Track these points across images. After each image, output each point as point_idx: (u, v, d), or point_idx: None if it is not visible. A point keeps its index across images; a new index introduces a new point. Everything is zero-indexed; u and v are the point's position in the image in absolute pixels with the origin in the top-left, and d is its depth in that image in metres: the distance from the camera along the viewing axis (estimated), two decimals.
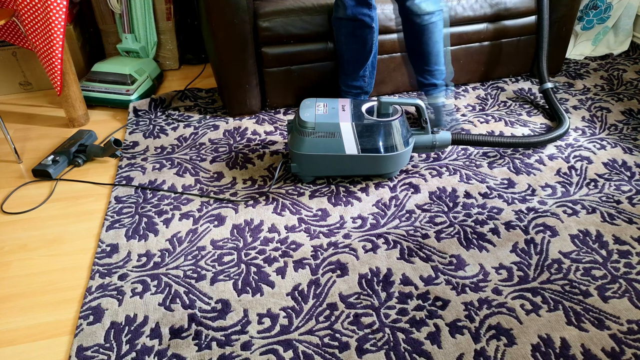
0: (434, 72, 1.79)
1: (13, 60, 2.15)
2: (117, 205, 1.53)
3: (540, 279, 1.24)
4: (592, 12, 2.30)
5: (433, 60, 1.76)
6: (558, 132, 1.72)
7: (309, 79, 1.95)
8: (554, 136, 1.71)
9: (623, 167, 1.63)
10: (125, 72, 2.08)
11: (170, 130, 1.91)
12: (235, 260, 1.32)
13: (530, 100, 2.05)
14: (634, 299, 1.18)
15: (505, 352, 1.07)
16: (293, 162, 1.55)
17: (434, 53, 1.74)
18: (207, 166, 1.70)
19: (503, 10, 1.98)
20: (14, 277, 1.31)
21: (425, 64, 1.77)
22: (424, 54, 1.74)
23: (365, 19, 1.69)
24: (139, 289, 1.24)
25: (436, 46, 1.73)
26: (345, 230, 1.41)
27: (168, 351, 1.09)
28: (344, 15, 1.69)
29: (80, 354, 1.09)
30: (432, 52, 1.74)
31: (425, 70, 1.79)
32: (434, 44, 1.72)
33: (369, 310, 1.18)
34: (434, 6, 1.66)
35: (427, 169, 1.65)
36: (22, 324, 1.18)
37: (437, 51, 1.74)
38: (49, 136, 1.92)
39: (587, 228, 1.40)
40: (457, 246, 1.35)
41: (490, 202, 1.50)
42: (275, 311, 1.18)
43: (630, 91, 2.09)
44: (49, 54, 1.75)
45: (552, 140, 1.72)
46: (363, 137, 1.48)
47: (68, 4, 1.72)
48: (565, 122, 1.77)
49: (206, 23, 1.80)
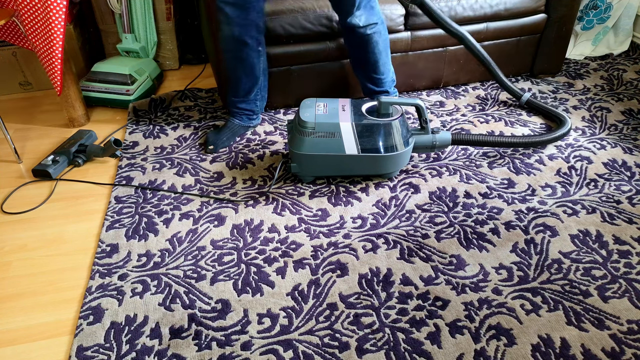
0: (384, 80, 1.81)
1: (13, 60, 2.15)
2: (117, 205, 1.53)
3: (540, 279, 1.24)
4: (592, 12, 2.30)
5: (381, 68, 1.77)
6: (560, 132, 1.72)
7: (308, 79, 1.95)
8: (555, 136, 1.71)
9: (623, 167, 1.63)
10: (125, 72, 2.08)
11: (170, 130, 1.91)
12: (235, 260, 1.32)
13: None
14: (634, 299, 1.18)
15: (505, 352, 1.07)
16: (293, 162, 1.55)
17: (381, 61, 1.75)
18: (207, 166, 1.70)
19: (503, 10, 1.98)
20: (14, 277, 1.31)
21: (374, 72, 1.78)
22: (371, 63, 1.75)
23: (252, 42, 1.63)
24: (139, 289, 1.24)
25: (382, 54, 1.74)
26: (345, 230, 1.41)
27: (168, 351, 1.09)
28: (230, 34, 1.61)
29: (80, 354, 1.09)
30: (379, 61, 1.75)
31: (375, 78, 1.80)
32: (379, 52, 1.73)
33: (369, 310, 1.18)
34: (375, 17, 1.67)
35: (427, 169, 1.65)
36: (22, 324, 1.18)
37: (384, 59, 1.76)
38: (49, 136, 1.92)
39: (587, 228, 1.40)
40: (457, 246, 1.35)
41: (490, 202, 1.50)
42: (275, 311, 1.18)
43: (630, 91, 2.09)
44: (49, 54, 1.75)
45: (554, 140, 1.72)
46: (363, 137, 1.48)
47: (68, 4, 1.72)
48: (566, 122, 1.77)
49: (206, 23, 1.80)
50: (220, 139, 1.78)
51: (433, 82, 2.13)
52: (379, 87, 1.82)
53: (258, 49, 1.67)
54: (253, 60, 1.68)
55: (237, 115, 1.83)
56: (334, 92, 2.01)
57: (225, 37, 1.63)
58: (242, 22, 1.59)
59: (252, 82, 1.75)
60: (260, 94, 1.81)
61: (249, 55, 1.66)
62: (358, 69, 1.82)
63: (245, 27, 1.60)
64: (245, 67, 1.70)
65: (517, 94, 1.97)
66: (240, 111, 1.82)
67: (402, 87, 2.10)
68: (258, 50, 1.67)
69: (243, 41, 1.62)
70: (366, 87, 1.85)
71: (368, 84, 1.83)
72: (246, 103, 1.80)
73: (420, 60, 2.03)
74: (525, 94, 1.96)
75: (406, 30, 1.94)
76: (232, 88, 1.79)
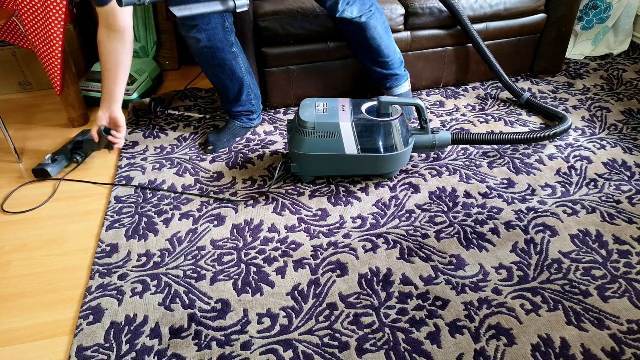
0: (391, 62, 1.78)
1: (13, 60, 2.15)
2: (117, 205, 1.53)
3: (540, 279, 1.24)
4: (592, 12, 2.30)
5: (385, 51, 1.75)
6: (561, 127, 1.72)
7: (308, 79, 1.95)
8: (556, 132, 1.71)
9: (623, 167, 1.63)
10: None
11: (170, 130, 1.91)
12: (235, 260, 1.32)
13: None
14: (634, 299, 1.18)
15: (505, 352, 1.07)
16: (293, 162, 1.55)
17: (383, 45, 1.73)
18: (207, 166, 1.70)
19: (503, 10, 1.98)
20: (14, 277, 1.31)
21: (380, 56, 1.75)
22: (375, 48, 1.73)
23: (222, 45, 1.60)
24: (139, 289, 1.24)
25: (384, 36, 1.72)
26: (345, 230, 1.41)
27: (168, 351, 1.09)
28: (198, 45, 1.58)
29: (80, 354, 1.09)
30: (382, 44, 1.73)
31: (382, 62, 1.77)
32: (380, 36, 1.71)
33: (369, 310, 1.18)
34: (367, 5, 1.65)
35: (427, 169, 1.65)
36: (22, 324, 1.18)
37: (386, 41, 1.74)
38: (49, 136, 1.92)
39: (587, 228, 1.40)
40: (457, 246, 1.35)
41: (490, 202, 1.50)
42: (275, 311, 1.18)
43: (630, 91, 2.09)
44: (49, 54, 1.75)
45: (555, 136, 1.72)
46: (363, 137, 1.48)
47: (68, 4, 1.72)
48: (566, 119, 1.77)
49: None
50: (220, 140, 1.77)
51: (433, 82, 2.13)
52: (388, 70, 1.80)
53: (232, 50, 1.64)
54: (231, 63, 1.65)
55: (237, 117, 1.82)
56: (333, 92, 2.01)
57: (196, 50, 1.60)
58: (206, 28, 1.55)
59: (239, 85, 1.72)
60: (253, 92, 1.79)
61: (225, 59, 1.63)
62: (363, 57, 1.80)
63: (211, 32, 1.56)
64: (226, 73, 1.67)
65: (518, 93, 1.97)
66: (239, 114, 1.81)
67: None
68: (232, 52, 1.64)
69: (214, 47, 1.59)
70: (375, 72, 1.82)
71: (377, 69, 1.80)
72: (241, 106, 1.79)
73: (420, 60, 2.03)
74: (525, 94, 1.96)
75: (406, 30, 1.94)
76: (222, 96, 1.79)
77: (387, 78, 1.82)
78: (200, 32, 1.55)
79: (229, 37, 1.62)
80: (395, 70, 1.81)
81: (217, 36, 1.58)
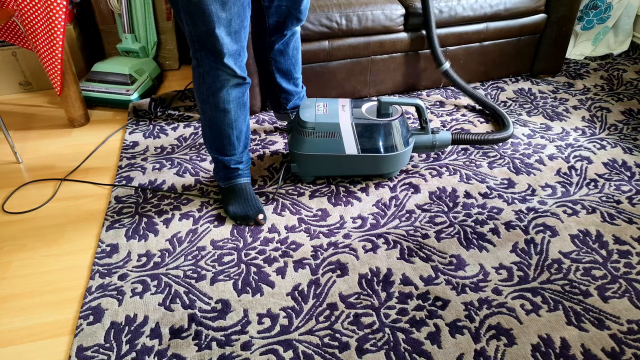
0: (299, 78, 1.75)
1: (13, 60, 2.15)
2: (117, 205, 1.53)
3: (540, 279, 1.24)
4: (592, 12, 2.30)
5: (299, 68, 1.72)
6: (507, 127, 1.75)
7: (308, 79, 1.95)
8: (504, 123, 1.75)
9: (623, 167, 1.63)
10: (125, 72, 2.08)
11: (170, 130, 1.91)
12: (235, 260, 1.32)
13: (530, 100, 2.05)
14: (634, 299, 1.18)
15: (505, 352, 1.07)
16: (293, 162, 1.55)
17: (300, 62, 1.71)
18: (207, 166, 1.70)
19: (503, 10, 1.98)
20: (14, 277, 1.31)
21: (297, 72, 1.72)
22: (298, 61, 1.69)
23: (247, 76, 1.29)
24: (139, 289, 1.24)
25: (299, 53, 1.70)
26: (345, 230, 1.41)
27: (168, 351, 1.09)
28: (233, 74, 1.25)
29: (80, 354, 1.09)
30: (299, 61, 1.70)
31: (297, 79, 1.73)
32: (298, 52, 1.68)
33: (369, 310, 1.18)
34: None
35: (427, 169, 1.65)
36: (22, 324, 1.18)
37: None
38: (49, 136, 1.92)
39: (587, 228, 1.40)
40: (457, 246, 1.35)
41: (490, 202, 1.50)
42: (275, 311, 1.18)
43: (630, 91, 2.09)
44: (49, 54, 1.75)
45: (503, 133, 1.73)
46: (363, 137, 1.48)
47: (68, 4, 1.72)
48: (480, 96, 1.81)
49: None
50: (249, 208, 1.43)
51: (433, 82, 2.13)
52: (298, 86, 1.76)
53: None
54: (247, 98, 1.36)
55: (243, 174, 1.48)
56: (334, 92, 2.01)
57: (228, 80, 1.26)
58: (239, 54, 1.23)
59: (248, 125, 1.42)
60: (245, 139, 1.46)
61: (247, 94, 1.34)
62: (286, 77, 1.68)
63: (242, 60, 1.26)
64: (246, 112, 1.37)
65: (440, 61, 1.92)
66: (245, 166, 1.48)
67: (402, 87, 2.10)
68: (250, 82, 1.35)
69: (246, 80, 1.29)
70: (287, 93, 1.72)
71: (290, 88, 1.73)
72: (246, 153, 1.47)
73: (420, 60, 2.03)
74: (445, 64, 1.92)
75: (406, 31, 1.94)
76: (228, 147, 1.39)
77: (294, 98, 1.77)
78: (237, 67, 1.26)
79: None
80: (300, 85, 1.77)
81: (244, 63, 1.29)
